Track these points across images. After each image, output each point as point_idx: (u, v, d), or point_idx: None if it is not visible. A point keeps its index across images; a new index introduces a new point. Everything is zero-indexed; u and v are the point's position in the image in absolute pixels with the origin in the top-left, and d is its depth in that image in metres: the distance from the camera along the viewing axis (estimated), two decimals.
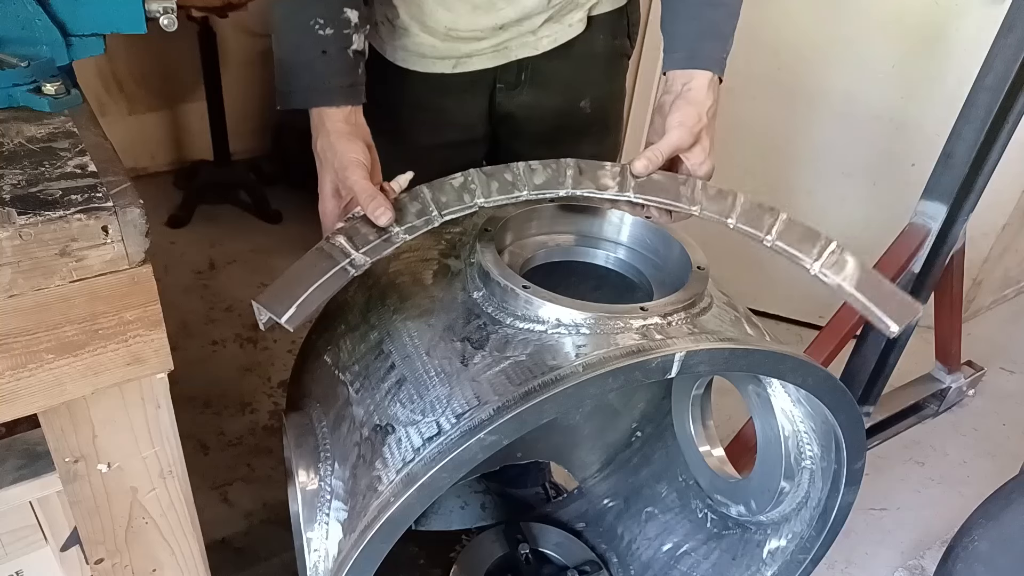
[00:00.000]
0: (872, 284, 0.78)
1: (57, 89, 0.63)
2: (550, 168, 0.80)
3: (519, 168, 0.79)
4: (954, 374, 2.02)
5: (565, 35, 1.04)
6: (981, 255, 2.26)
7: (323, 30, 0.84)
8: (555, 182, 0.79)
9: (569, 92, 1.11)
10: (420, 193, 0.76)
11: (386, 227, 0.73)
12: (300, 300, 0.66)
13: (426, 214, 0.75)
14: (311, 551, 0.71)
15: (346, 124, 0.85)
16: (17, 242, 0.49)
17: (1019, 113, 1.42)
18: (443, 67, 1.03)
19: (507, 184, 0.77)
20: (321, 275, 0.68)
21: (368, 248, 0.71)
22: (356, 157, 0.81)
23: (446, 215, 0.75)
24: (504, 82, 1.07)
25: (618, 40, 1.12)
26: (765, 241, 0.79)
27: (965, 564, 1.15)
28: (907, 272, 1.56)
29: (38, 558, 0.72)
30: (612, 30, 1.09)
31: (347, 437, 0.74)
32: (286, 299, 0.66)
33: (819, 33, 1.97)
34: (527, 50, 1.04)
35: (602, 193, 0.81)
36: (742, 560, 1.02)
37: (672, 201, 0.81)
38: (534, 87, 1.08)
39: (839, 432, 0.82)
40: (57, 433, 0.60)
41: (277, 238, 2.57)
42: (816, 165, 2.13)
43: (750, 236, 0.80)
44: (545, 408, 0.63)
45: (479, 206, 0.76)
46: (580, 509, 1.30)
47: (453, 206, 0.75)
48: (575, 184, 0.80)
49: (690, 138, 0.86)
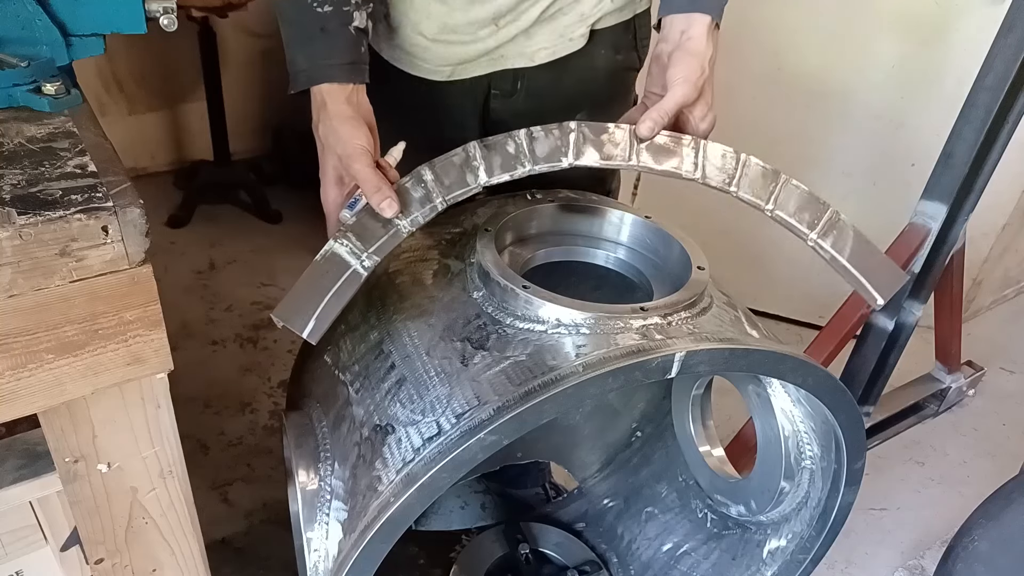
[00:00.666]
0: (864, 255, 0.78)
1: (57, 89, 0.63)
2: (553, 134, 0.78)
3: (520, 137, 0.77)
4: (954, 374, 2.02)
5: (564, 49, 1.01)
6: (981, 255, 2.26)
7: (321, 7, 0.83)
8: (559, 152, 0.77)
9: (565, 105, 1.07)
10: (422, 177, 0.75)
11: (391, 219, 0.73)
12: (317, 312, 0.67)
13: (430, 201, 0.74)
14: (311, 551, 0.71)
15: (348, 105, 0.83)
16: (17, 242, 0.49)
17: (1019, 113, 1.42)
18: (438, 76, 1.02)
19: (509, 158, 0.75)
20: (334, 282, 0.68)
21: (376, 247, 0.71)
22: (360, 144, 0.79)
23: (450, 199, 0.74)
24: (499, 89, 1.05)
25: (622, 55, 1.07)
26: (766, 210, 0.79)
27: (965, 564, 1.15)
28: (907, 272, 1.56)
29: (38, 558, 0.72)
30: (615, 45, 1.05)
31: (347, 437, 0.74)
32: (304, 312, 0.67)
33: (819, 33, 1.97)
34: (523, 60, 1.01)
35: (606, 163, 0.79)
36: (742, 560, 1.03)
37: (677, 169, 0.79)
38: (530, 97, 1.05)
39: (839, 432, 0.82)
40: (57, 433, 0.60)
41: (277, 238, 2.56)
42: (816, 165, 2.13)
43: (752, 204, 0.79)
44: (545, 408, 0.63)
45: (482, 185, 0.75)
46: (580, 509, 1.30)
47: (456, 189, 0.74)
48: (578, 154, 0.77)
49: (694, 93, 0.83)
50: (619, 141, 0.79)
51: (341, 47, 0.84)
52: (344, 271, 0.70)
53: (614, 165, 0.79)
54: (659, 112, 0.81)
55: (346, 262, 0.70)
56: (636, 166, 0.79)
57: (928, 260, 1.58)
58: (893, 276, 0.79)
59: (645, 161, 0.79)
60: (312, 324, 0.67)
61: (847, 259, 0.78)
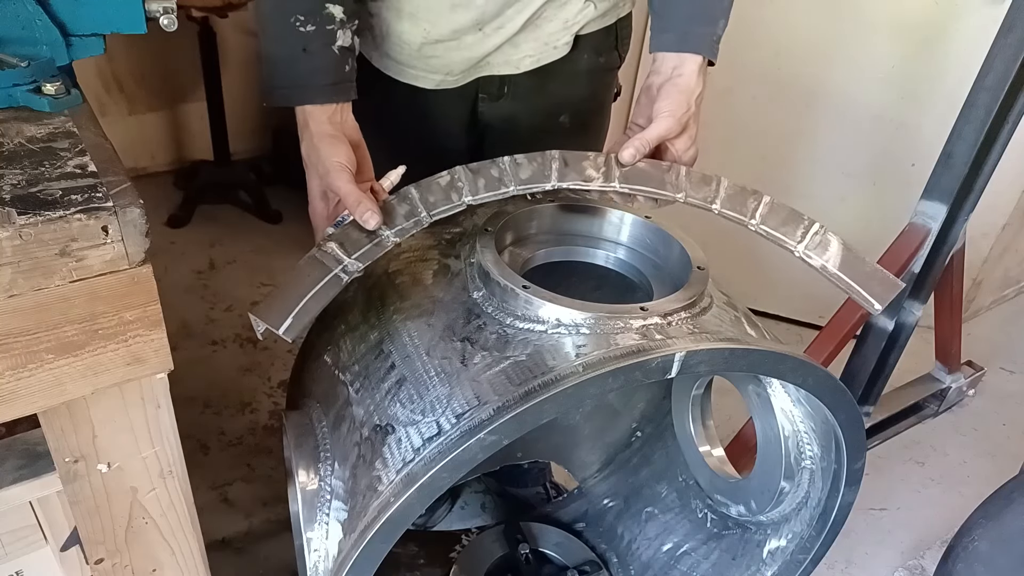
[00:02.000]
0: (855, 264, 0.79)
1: (57, 89, 0.63)
2: (535, 161, 0.80)
3: (505, 163, 0.79)
4: (954, 374, 2.02)
5: (549, 56, 1.02)
6: (981, 255, 2.26)
7: (304, 27, 0.82)
8: (541, 175, 0.79)
9: (549, 107, 1.09)
10: (408, 194, 0.77)
11: (376, 230, 0.74)
12: (295, 310, 0.67)
13: (415, 215, 0.75)
14: (311, 551, 0.71)
15: (329, 124, 0.83)
16: (17, 242, 0.49)
17: (1019, 113, 1.42)
18: (427, 83, 1.03)
19: (493, 180, 0.77)
20: (315, 284, 0.69)
21: (359, 253, 0.72)
22: (338, 161, 0.80)
23: (435, 215, 0.76)
24: (487, 93, 1.06)
25: (603, 57, 1.09)
26: (750, 225, 0.80)
27: (965, 564, 1.15)
28: (907, 272, 1.56)
29: (38, 558, 0.72)
30: (597, 48, 1.07)
31: (347, 437, 0.74)
32: (282, 310, 0.67)
33: (819, 33, 1.97)
34: (508, 68, 1.02)
35: (588, 184, 0.81)
36: (742, 560, 1.02)
37: (657, 189, 0.81)
38: (515, 100, 1.07)
39: (839, 432, 0.82)
40: (57, 433, 0.60)
41: (277, 238, 2.56)
42: (816, 165, 2.13)
43: (735, 220, 0.80)
44: (545, 408, 0.63)
45: (467, 204, 0.77)
46: (580, 509, 1.30)
47: (441, 206, 0.76)
48: (560, 177, 0.80)
49: (678, 127, 0.85)
50: (600, 166, 0.82)
51: (323, 67, 0.84)
52: (325, 274, 0.70)
53: (595, 187, 0.81)
54: (641, 141, 0.83)
55: (327, 267, 0.71)
56: (616, 188, 0.81)
57: (928, 260, 1.58)
58: (887, 284, 0.79)
59: (625, 184, 0.81)
60: (289, 321, 0.67)
61: (838, 269, 0.78)
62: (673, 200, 0.83)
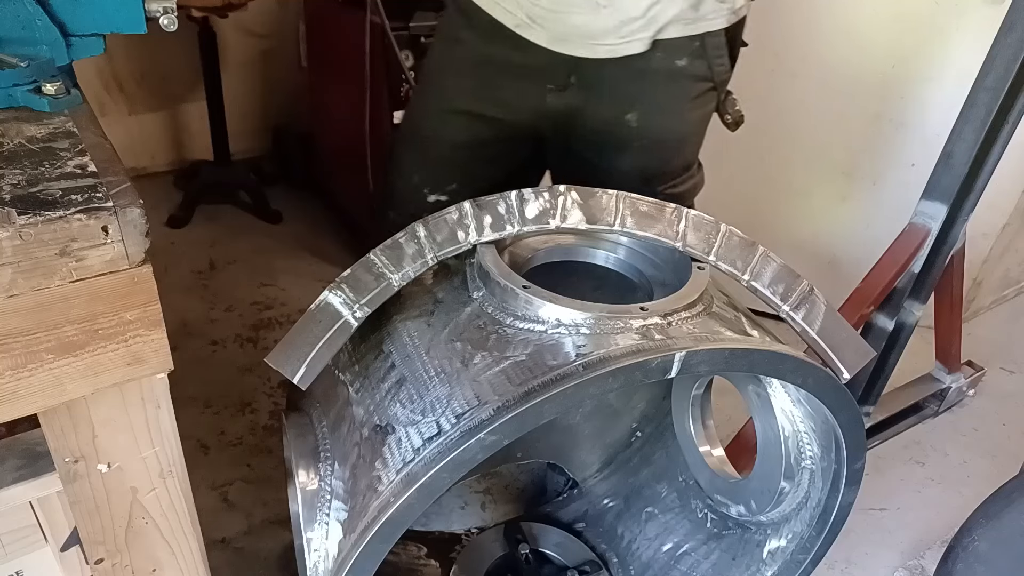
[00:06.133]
0: (835, 329, 0.82)
1: (57, 89, 0.63)
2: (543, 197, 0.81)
3: (512, 199, 0.80)
4: (954, 374, 2.02)
5: (625, 50, 1.03)
6: (981, 255, 2.26)
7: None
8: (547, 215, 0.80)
9: (616, 101, 1.09)
10: (416, 234, 0.78)
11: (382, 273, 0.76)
12: (308, 359, 0.72)
13: (422, 256, 0.78)
14: (311, 551, 0.71)
15: None
16: (17, 242, 0.49)
17: (1019, 113, 1.42)
18: (506, 19, 1.04)
19: (499, 219, 0.79)
20: (326, 331, 0.72)
21: (367, 299, 0.74)
22: None
23: (440, 256, 0.78)
24: (553, 83, 1.08)
25: (685, 61, 1.07)
26: (742, 281, 0.81)
27: (965, 564, 1.15)
28: (907, 272, 1.56)
29: (38, 558, 0.72)
30: (678, 50, 1.06)
31: (347, 437, 0.74)
32: (296, 359, 0.72)
33: (819, 33, 1.97)
34: (584, 50, 1.04)
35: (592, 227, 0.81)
36: (742, 560, 1.02)
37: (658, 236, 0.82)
38: (582, 90, 1.08)
39: (839, 432, 0.82)
40: (57, 433, 0.60)
41: (277, 238, 2.56)
42: (816, 165, 2.13)
43: (729, 275, 0.82)
44: (545, 408, 0.63)
45: (471, 243, 0.79)
46: (580, 509, 1.30)
47: (448, 246, 0.78)
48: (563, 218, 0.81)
49: None
50: (605, 206, 0.82)
51: None
52: (336, 321, 0.73)
53: (599, 229, 0.82)
54: None
55: (338, 312, 0.73)
56: (620, 231, 0.82)
57: (928, 260, 1.58)
58: (860, 351, 0.82)
59: (630, 226, 0.82)
60: (303, 371, 0.72)
61: (817, 333, 0.81)
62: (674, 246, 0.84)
